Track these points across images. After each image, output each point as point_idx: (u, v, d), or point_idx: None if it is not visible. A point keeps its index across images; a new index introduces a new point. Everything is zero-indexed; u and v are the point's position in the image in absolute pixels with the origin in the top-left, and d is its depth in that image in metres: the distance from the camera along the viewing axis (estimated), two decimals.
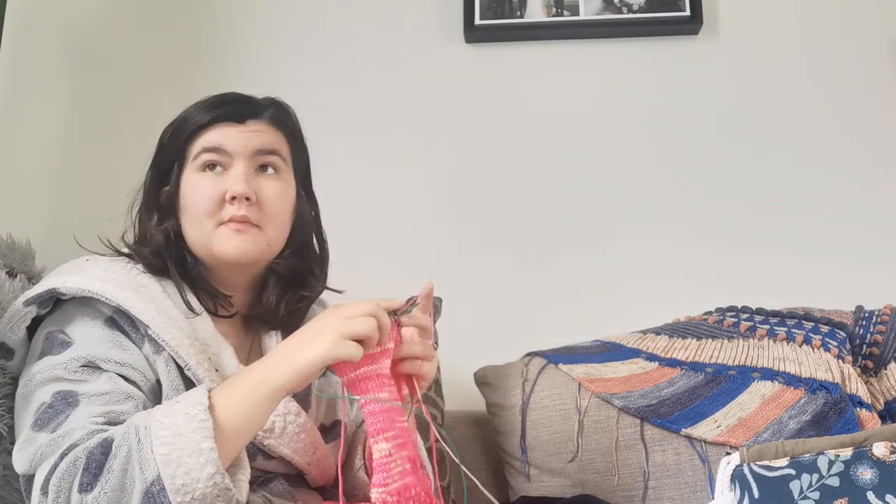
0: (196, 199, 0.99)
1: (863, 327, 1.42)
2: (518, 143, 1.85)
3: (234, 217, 0.97)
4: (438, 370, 1.47)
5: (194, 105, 1.05)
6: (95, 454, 0.80)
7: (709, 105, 1.84)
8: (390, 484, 0.82)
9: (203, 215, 0.98)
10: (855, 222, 1.76)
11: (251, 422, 0.86)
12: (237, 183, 0.97)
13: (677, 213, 1.79)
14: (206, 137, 1.00)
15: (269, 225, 1.01)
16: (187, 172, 1.01)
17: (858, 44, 1.84)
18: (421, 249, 1.79)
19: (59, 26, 1.96)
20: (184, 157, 1.02)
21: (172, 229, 1.01)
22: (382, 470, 0.82)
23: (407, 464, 0.83)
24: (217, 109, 1.02)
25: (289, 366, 0.84)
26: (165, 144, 1.04)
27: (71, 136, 1.90)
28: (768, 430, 1.28)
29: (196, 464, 0.79)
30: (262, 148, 1.01)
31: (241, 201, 0.98)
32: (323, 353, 0.83)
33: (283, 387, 0.85)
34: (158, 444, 0.79)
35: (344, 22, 1.92)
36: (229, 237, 0.98)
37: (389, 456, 0.83)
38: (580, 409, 1.36)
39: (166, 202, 1.03)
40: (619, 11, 1.85)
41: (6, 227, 1.17)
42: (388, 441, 0.83)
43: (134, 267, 1.00)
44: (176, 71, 1.91)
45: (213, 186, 0.99)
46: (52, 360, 0.90)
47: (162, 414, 0.83)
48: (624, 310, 1.70)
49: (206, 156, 1.00)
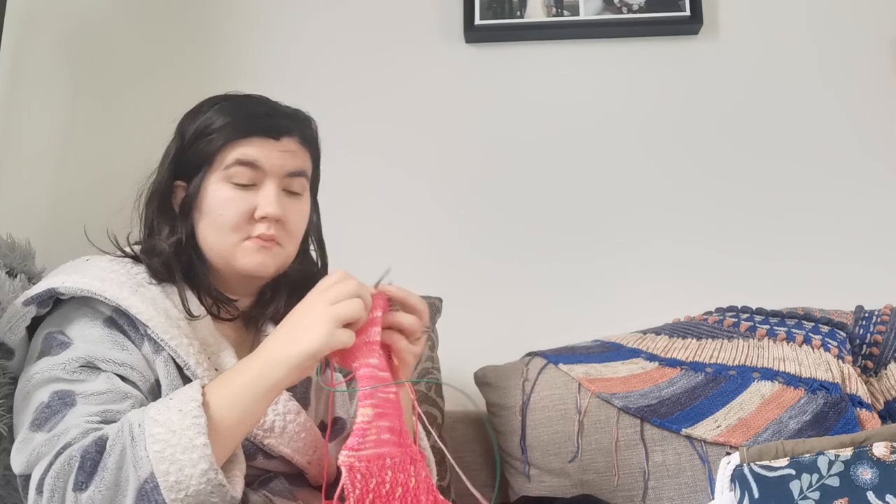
0: (224, 211, 0.99)
1: (863, 327, 1.42)
2: (518, 143, 1.85)
3: (262, 235, 0.99)
4: (438, 370, 1.47)
5: (225, 105, 1.03)
6: (90, 452, 0.80)
7: (709, 105, 1.84)
8: (362, 450, 0.81)
9: (229, 229, 0.99)
10: (855, 222, 1.76)
11: (247, 418, 0.85)
12: (271, 205, 0.99)
13: (677, 213, 1.79)
14: (242, 150, 0.99)
15: (289, 243, 1.03)
16: (214, 179, 1.00)
17: (858, 44, 1.84)
18: (420, 249, 1.79)
19: (59, 26, 1.96)
20: (212, 162, 1.00)
21: (185, 233, 1.00)
22: (358, 434, 0.81)
23: (385, 433, 0.83)
24: (254, 121, 1.01)
25: (284, 362, 0.84)
26: (191, 143, 1.01)
27: (71, 135, 1.90)
28: (768, 430, 1.28)
29: (189, 460, 0.79)
30: (293, 171, 1.03)
31: (272, 222, 0.99)
32: (317, 346, 0.83)
33: (280, 383, 0.85)
34: (152, 441, 0.79)
35: (344, 22, 1.92)
36: (254, 252, 0.99)
37: (370, 422, 0.82)
38: (580, 409, 1.36)
39: (182, 203, 1.02)
40: (619, 11, 1.85)
41: (6, 227, 1.17)
42: (372, 408, 0.82)
43: (134, 266, 1.00)
44: (176, 70, 1.91)
45: (242, 201, 0.99)
46: (51, 361, 0.90)
47: (155, 411, 0.83)
48: (624, 310, 1.70)
49: (240, 169, 0.99)
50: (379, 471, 0.81)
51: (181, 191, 1.03)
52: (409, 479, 0.82)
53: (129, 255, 1.02)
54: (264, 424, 0.97)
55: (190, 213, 1.01)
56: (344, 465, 0.79)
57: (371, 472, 0.80)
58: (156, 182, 1.04)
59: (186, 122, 1.04)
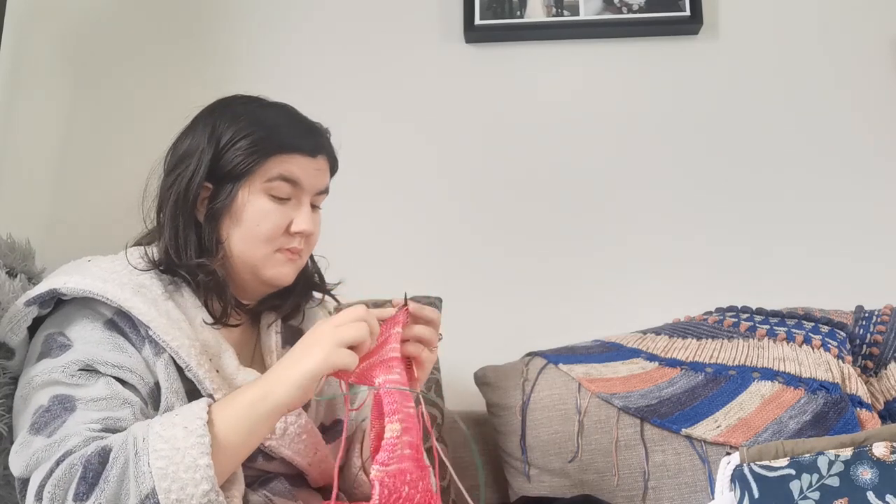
0: (262, 223, 0.99)
1: (863, 327, 1.42)
2: (518, 144, 1.85)
3: (293, 249, 1.02)
4: (439, 370, 1.47)
5: (266, 114, 1.03)
6: (92, 463, 0.80)
7: (709, 105, 1.84)
8: (391, 465, 0.82)
9: (264, 240, 1.00)
10: (855, 222, 1.76)
11: (250, 438, 0.86)
12: (306, 222, 1.02)
13: (677, 213, 1.79)
14: (286, 166, 1.00)
15: (308, 253, 1.08)
16: (252, 189, 0.99)
17: (858, 43, 1.84)
18: (420, 249, 1.79)
19: (59, 26, 1.96)
20: (253, 172, 0.99)
21: (215, 241, 0.99)
22: (389, 450, 0.82)
23: (407, 449, 0.84)
24: (297, 138, 1.02)
25: (286, 381, 0.85)
26: (227, 148, 0.99)
27: (71, 135, 1.90)
28: (768, 430, 1.28)
29: (192, 480, 0.79)
30: (323, 189, 1.07)
31: (304, 237, 1.03)
32: (318, 365, 0.84)
33: (283, 403, 0.86)
34: (155, 457, 0.80)
35: (344, 22, 1.92)
36: (283, 264, 1.02)
37: (398, 438, 0.83)
38: (580, 409, 1.36)
39: (211, 208, 0.99)
40: (619, 11, 1.85)
41: (6, 227, 1.17)
42: (400, 423, 0.84)
43: (137, 266, 0.99)
44: (175, 70, 1.91)
45: (280, 215, 1.00)
46: (51, 364, 0.90)
47: (161, 426, 0.83)
48: (624, 310, 1.70)
49: (283, 185, 1.00)
50: (400, 486, 0.82)
51: (206, 192, 1.01)
52: (416, 494, 0.84)
53: (158, 269, 0.99)
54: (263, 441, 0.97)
55: (220, 219, 1.00)
56: (376, 479, 0.80)
57: (395, 487, 0.82)
58: (183, 182, 1.00)
59: (222, 125, 1.01)
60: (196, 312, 0.99)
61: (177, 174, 1.01)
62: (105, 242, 1.06)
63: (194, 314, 0.98)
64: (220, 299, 1.01)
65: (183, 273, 0.99)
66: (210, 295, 1.01)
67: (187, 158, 1.00)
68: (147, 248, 1.02)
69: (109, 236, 1.07)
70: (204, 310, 1.00)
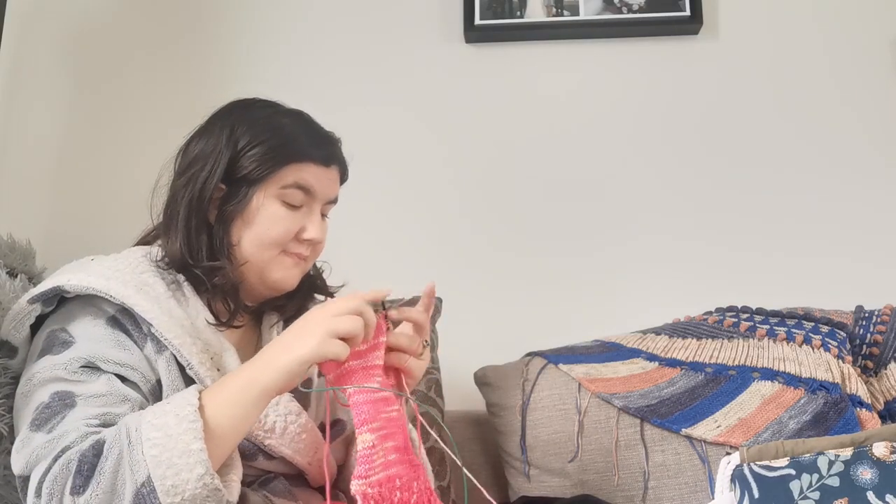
0: (274, 227, 1.00)
1: (863, 327, 1.42)
2: (518, 143, 1.85)
3: (299, 254, 1.04)
4: (438, 370, 1.47)
5: (285, 121, 1.04)
6: (87, 456, 0.80)
7: (708, 105, 1.84)
8: (371, 475, 0.82)
9: (273, 244, 1.01)
10: (855, 222, 1.76)
11: (241, 422, 0.86)
12: (317, 230, 1.04)
13: (677, 213, 1.79)
14: (302, 175, 1.02)
15: (314, 260, 1.09)
16: (266, 194, 1.00)
17: (858, 44, 1.84)
18: (420, 249, 1.79)
19: (59, 26, 1.96)
20: (269, 177, 1.00)
21: (227, 243, 1.00)
22: (365, 461, 0.82)
23: (392, 454, 0.84)
24: (314, 147, 1.04)
25: (275, 366, 0.85)
26: (245, 151, 1.00)
27: (71, 135, 1.90)
28: (768, 430, 1.28)
29: (186, 465, 0.80)
30: (333, 198, 1.09)
31: (312, 245, 1.04)
32: (309, 353, 0.84)
33: (271, 387, 0.86)
34: (149, 445, 0.80)
35: (344, 22, 1.92)
36: (289, 268, 1.03)
37: (373, 448, 0.83)
38: (580, 409, 1.36)
39: (224, 209, 1.00)
40: (619, 11, 1.85)
41: (6, 227, 1.17)
42: (373, 432, 0.83)
43: (139, 265, 0.99)
44: (175, 70, 1.91)
45: (292, 222, 1.02)
46: (53, 360, 0.90)
47: (152, 415, 0.83)
48: (624, 310, 1.70)
49: (297, 192, 1.02)
50: (390, 493, 0.82)
51: (218, 192, 1.01)
52: (412, 496, 0.83)
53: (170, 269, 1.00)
54: (265, 425, 0.97)
55: (232, 222, 1.00)
56: (358, 493, 0.81)
57: (384, 496, 0.81)
58: (198, 183, 1.00)
59: (240, 129, 1.01)
60: (198, 311, 0.99)
61: (191, 174, 1.01)
62: (105, 242, 1.06)
63: (196, 313, 0.99)
64: (230, 302, 1.01)
65: (197, 273, 0.99)
66: (219, 297, 1.01)
67: (203, 159, 1.01)
68: (150, 247, 1.03)
69: (109, 236, 1.07)
70: (206, 309, 1.00)
